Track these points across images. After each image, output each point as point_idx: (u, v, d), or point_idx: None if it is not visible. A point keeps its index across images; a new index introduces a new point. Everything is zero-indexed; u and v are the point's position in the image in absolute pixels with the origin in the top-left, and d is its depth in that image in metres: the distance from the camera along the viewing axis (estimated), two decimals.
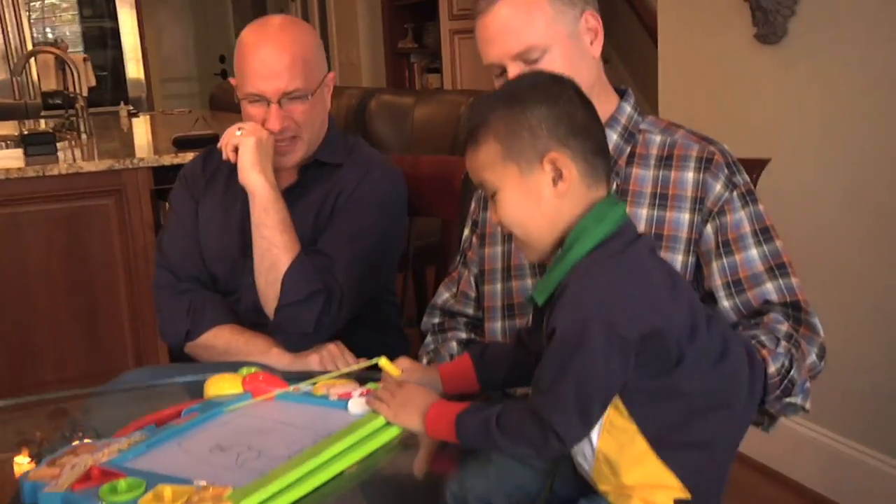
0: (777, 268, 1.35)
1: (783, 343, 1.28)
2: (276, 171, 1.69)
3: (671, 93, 2.71)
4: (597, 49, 1.38)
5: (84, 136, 3.68)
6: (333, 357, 1.61)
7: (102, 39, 5.96)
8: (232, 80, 1.75)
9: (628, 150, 1.41)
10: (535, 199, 1.08)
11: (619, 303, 1.02)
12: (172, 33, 7.99)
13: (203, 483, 0.98)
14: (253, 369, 1.33)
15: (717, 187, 1.36)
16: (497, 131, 1.08)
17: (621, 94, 1.46)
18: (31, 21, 5.57)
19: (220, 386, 1.28)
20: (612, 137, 1.41)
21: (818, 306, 1.37)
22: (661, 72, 2.73)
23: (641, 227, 1.37)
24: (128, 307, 2.94)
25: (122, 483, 0.99)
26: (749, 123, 2.41)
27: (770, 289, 1.34)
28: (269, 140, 1.65)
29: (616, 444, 1.04)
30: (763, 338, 1.28)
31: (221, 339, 1.68)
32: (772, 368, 1.25)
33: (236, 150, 1.64)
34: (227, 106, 4.55)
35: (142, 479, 0.99)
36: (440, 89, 4.95)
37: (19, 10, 5.44)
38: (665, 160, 1.39)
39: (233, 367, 1.36)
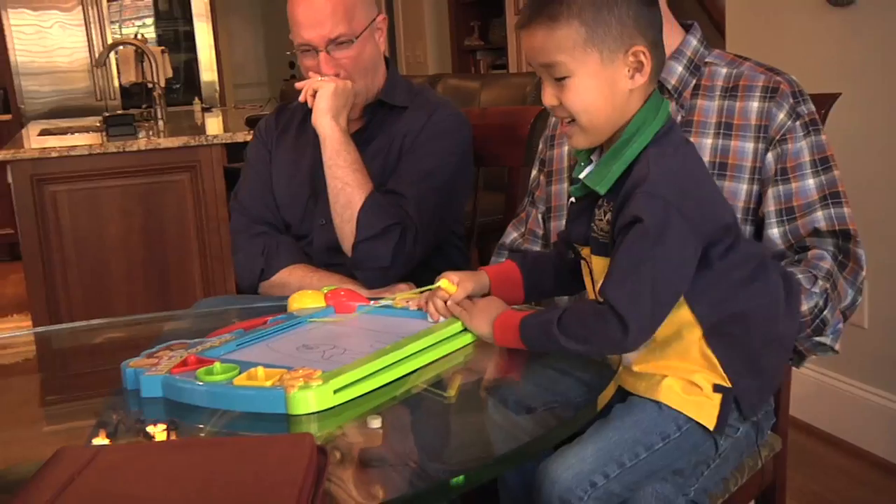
0: (830, 196, 1.35)
1: (820, 283, 1.28)
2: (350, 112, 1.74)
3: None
4: None
5: (161, 123, 3.80)
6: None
7: (177, 43, 6.15)
8: (291, 37, 1.79)
9: (693, 82, 1.42)
10: (609, 88, 1.08)
11: (696, 194, 1.05)
12: (244, 39, 8.18)
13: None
14: (334, 287, 1.37)
15: (781, 115, 1.36)
16: (583, 14, 1.06)
17: (687, 28, 1.47)
18: (110, 24, 5.77)
19: (304, 300, 1.33)
20: (678, 70, 1.42)
21: (879, 259, 1.36)
22: (728, 40, 2.72)
23: (706, 157, 1.38)
24: (201, 279, 3.02)
25: (217, 366, 1.04)
26: (816, 85, 2.38)
27: (820, 216, 1.34)
28: (347, 88, 1.70)
29: (671, 331, 1.06)
30: (800, 276, 1.29)
31: (295, 277, 1.73)
32: (804, 307, 1.26)
33: (314, 95, 1.69)
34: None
35: (235, 365, 1.04)
36: (505, 73, 4.96)
37: (102, 15, 5.65)
38: (730, 91, 1.40)
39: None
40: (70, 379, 1.48)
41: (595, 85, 1.08)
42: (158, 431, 0.98)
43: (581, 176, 1.13)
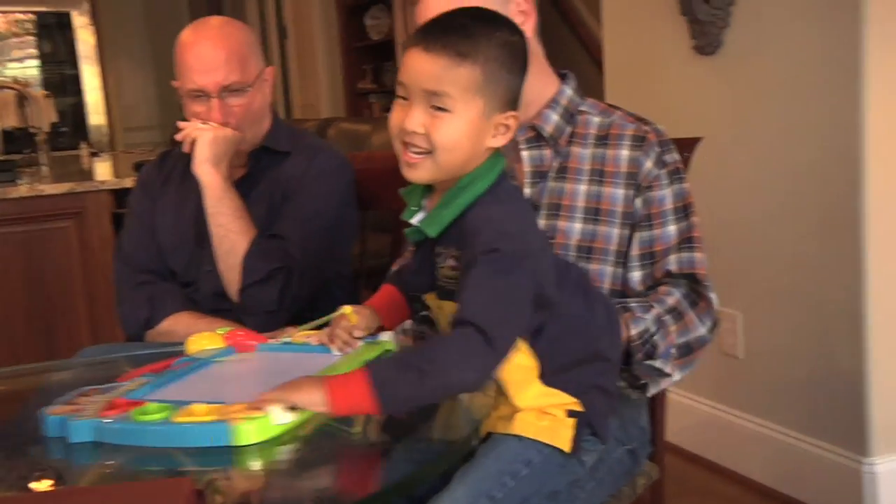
0: (685, 241, 1.44)
1: (655, 311, 1.38)
2: (234, 158, 1.76)
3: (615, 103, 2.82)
4: (528, 31, 1.44)
5: (45, 168, 3.71)
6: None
7: (63, 86, 6.01)
8: (174, 83, 1.79)
9: (569, 130, 1.49)
10: (476, 137, 1.12)
11: (532, 232, 1.13)
12: (134, 82, 8.04)
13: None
14: (229, 328, 1.38)
15: (648, 164, 1.44)
16: (487, 64, 1.09)
17: (562, 78, 1.54)
18: None
19: (202, 342, 1.33)
20: (553, 118, 1.49)
21: (751, 292, 1.46)
22: (607, 85, 2.86)
23: (581, 203, 1.45)
24: (88, 327, 2.95)
25: (150, 406, 1.04)
26: (683, 130, 2.52)
27: (673, 259, 1.43)
28: (227, 136, 1.71)
29: (514, 372, 1.12)
30: (633, 304, 1.39)
31: (181, 324, 1.72)
32: (633, 331, 1.36)
33: (194, 143, 1.70)
34: None
35: (167, 404, 1.04)
36: None
37: None
38: (603, 139, 1.47)
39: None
40: None
41: (467, 130, 1.11)
42: (44, 487, 0.96)
43: (413, 220, 1.17)
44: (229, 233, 1.67)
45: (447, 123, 1.09)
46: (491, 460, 1.13)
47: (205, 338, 1.34)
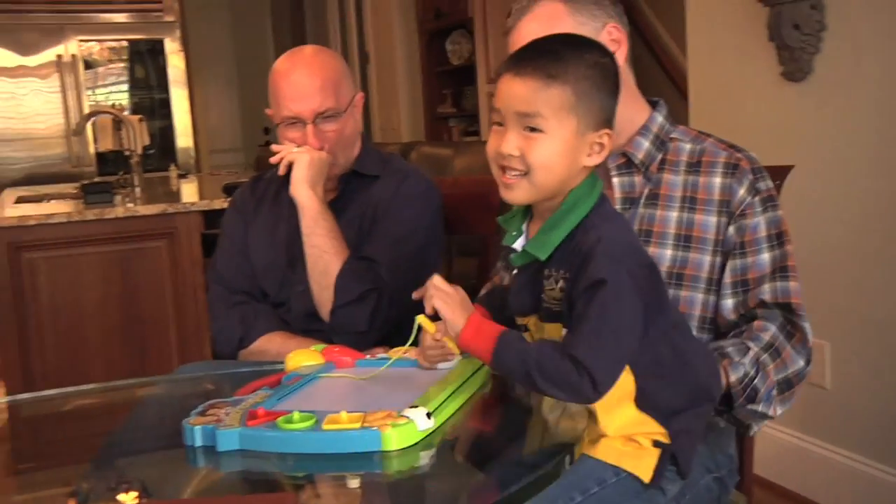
0: (780, 270, 1.42)
1: (751, 353, 1.36)
2: (325, 182, 1.80)
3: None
4: (619, 60, 1.46)
5: (138, 190, 3.85)
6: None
7: (152, 110, 6.22)
8: (268, 111, 1.85)
9: (660, 156, 1.49)
10: (572, 156, 1.14)
11: (641, 254, 1.13)
12: (219, 105, 8.28)
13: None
14: (324, 346, 1.43)
15: (741, 191, 1.43)
16: (578, 83, 1.12)
17: (653, 105, 1.55)
18: (86, 91, 5.83)
19: (300, 359, 1.38)
20: (644, 145, 1.49)
21: (840, 322, 1.44)
22: (692, 113, 2.84)
23: (672, 230, 1.45)
24: (177, 345, 3.04)
25: (295, 415, 1.09)
26: (772, 157, 2.49)
27: (766, 289, 1.41)
28: (323, 159, 1.77)
29: (611, 395, 1.10)
30: (729, 349, 1.37)
31: (274, 344, 1.77)
32: (732, 377, 1.34)
33: (290, 166, 1.75)
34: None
35: (310, 413, 1.10)
36: (477, 140, 5.08)
37: (79, 82, 5.72)
38: (694, 166, 1.47)
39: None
40: (43, 447, 1.48)
41: (562, 150, 1.13)
42: (130, 499, 0.99)
43: (517, 245, 1.19)
44: (324, 253, 1.72)
45: (541, 144, 1.11)
46: (564, 477, 1.13)
47: (303, 354, 1.38)
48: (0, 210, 3.38)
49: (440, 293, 1.16)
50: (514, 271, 1.23)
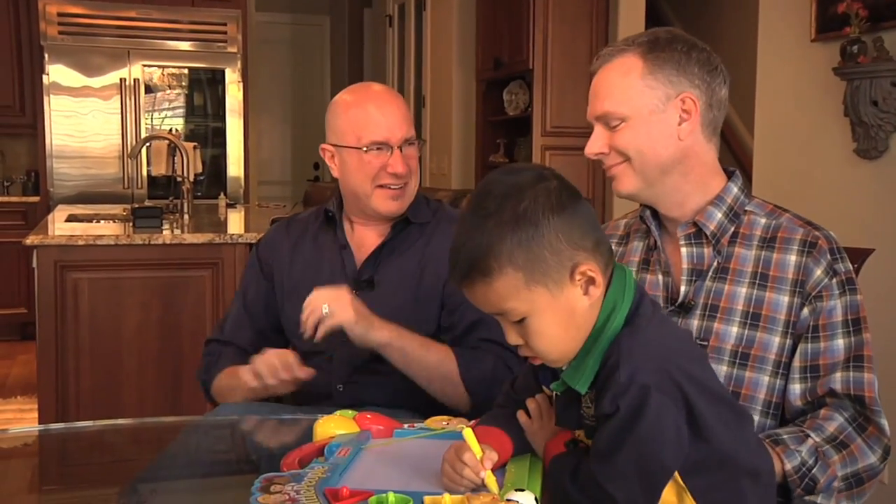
0: (854, 359, 1.35)
1: (811, 441, 1.29)
2: (363, 237, 1.82)
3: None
4: (685, 130, 1.40)
5: (186, 217, 3.85)
6: (270, 364, 1.63)
7: (206, 137, 6.29)
8: (326, 147, 1.82)
9: (732, 229, 1.43)
10: (569, 313, 1.05)
11: (675, 362, 1.02)
12: (272, 138, 8.37)
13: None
14: (352, 412, 1.35)
15: (818, 272, 1.36)
16: (514, 259, 1.01)
17: (729, 175, 1.48)
18: (144, 114, 5.91)
19: (331, 426, 1.30)
20: (717, 216, 1.43)
21: None
22: (755, 189, 2.77)
23: (740, 306, 1.39)
24: None
25: (390, 496, 1.01)
26: (845, 239, 2.41)
27: (838, 378, 1.34)
28: (345, 289, 1.69)
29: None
30: (784, 436, 1.30)
31: (222, 382, 1.80)
32: (788, 465, 1.27)
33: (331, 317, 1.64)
34: (319, 204, 4.71)
35: (407, 496, 1.02)
36: None
37: (138, 105, 5.80)
38: (768, 241, 1.41)
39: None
40: (69, 469, 1.49)
41: (553, 318, 1.04)
42: None
43: (562, 374, 1.11)
44: (434, 368, 1.68)
45: (533, 328, 1.05)
46: None
47: (335, 421, 1.31)
48: (51, 227, 3.39)
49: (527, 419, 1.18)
50: (556, 393, 1.16)
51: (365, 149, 1.76)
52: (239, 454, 1.63)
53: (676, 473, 1.04)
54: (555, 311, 1.04)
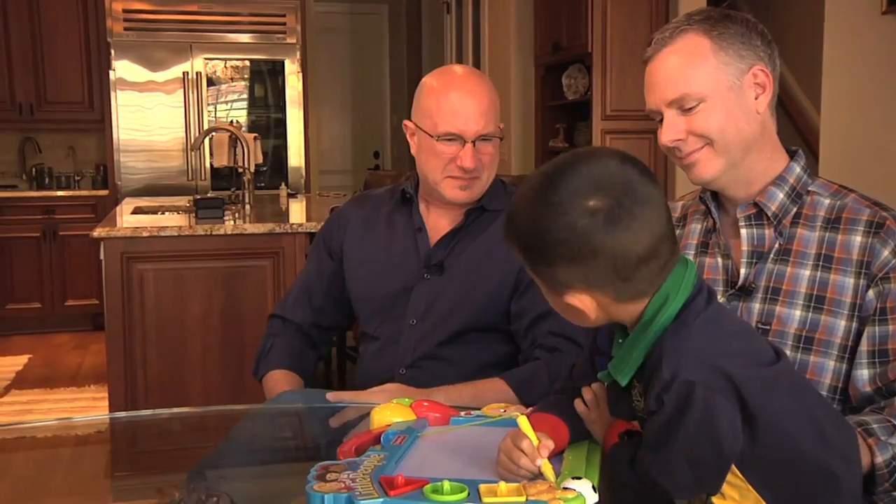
0: None
1: None
2: (438, 220, 1.81)
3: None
4: (762, 104, 1.37)
5: (248, 207, 3.90)
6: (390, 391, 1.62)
7: (268, 128, 6.36)
8: (408, 123, 1.83)
9: (794, 210, 1.39)
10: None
11: (725, 359, 1.00)
12: (332, 128, 8.42)
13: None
14: (409, 399, 1.35)
15: (885, 253, 1.32)
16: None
17: (791, 155, 1.44)
18: (207, 107, 6.01)
19: (388, 414, 1.30)
20: (779, 196, 1.39)
21: None
22: (822, 168, 2.69)
23: (803, 289, 1.35)
24: None
25: (445, 485, 1.01)
26: None
27: None
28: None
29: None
30: (874, 426, 1.24)
31: (268, 384, 1.86)
32: (879, 459, 1.22)
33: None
34: None
35: (462, 484, 1.02)
36: None
37: (201, 98, 5.90)
38: (832, 222, 1.36)
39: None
40: (139, 456, 1.53)
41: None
42: None
43: (608, 365, 1.09)
44: (494, 401, 1.61)
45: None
46: None
47: (391, 409, 1.30)
48: (119, 220, 3.47)
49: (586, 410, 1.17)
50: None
51: (437, 138, 1.75)
52: (300, 441, 1.65)
53: (735, 468, 1.01)
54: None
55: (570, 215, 0.99)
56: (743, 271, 1.39)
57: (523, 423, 1.08)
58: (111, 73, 5.66)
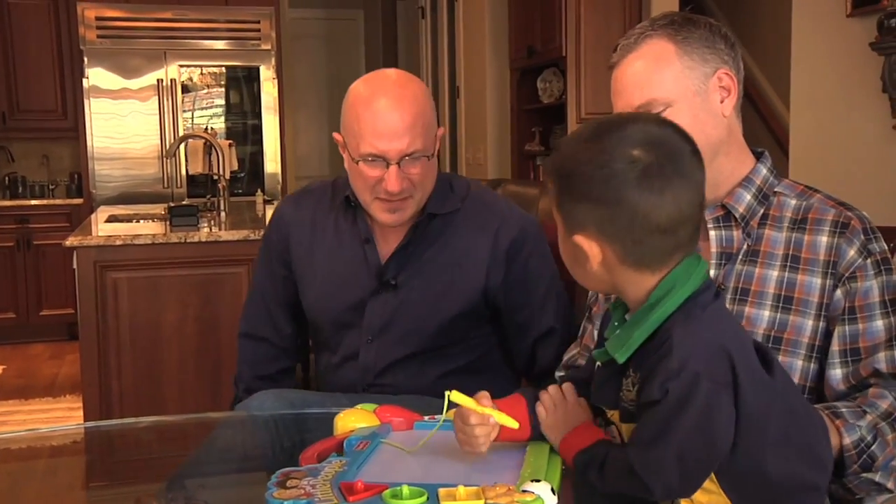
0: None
1: (869, 417, 1.25)
2: (385, 230, 1.70)
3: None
4: (727, 107, 1.39)
5: (223, 214, 3.89)
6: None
7: (245, 135, 6.34)
8: (337, 137, 1.70)
9: (761, 211, 1.40)
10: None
11: (728, 359, 1.01)
12: (309, 134, 8.40)
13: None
14: (373, 405, 1.35)
15: (851, 252, 1.33)
16: (599, 225, 1.03)
17: (758, 156, 1.46)
18: (182, 114, 5.98)
19: (351, 420, 1.30)
20: (746, 198, 1.40)
21: None
22: (792, 166, 2.71)
23: (771, 290, 1.36)
24: None
25: (404, 490, 1.02)
26: (883, 217, 2.35)
27: (882, 357, 1.30)
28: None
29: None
30: (843, 410, 1.26)
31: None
32: (846, 440, 1.23)
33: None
34: None
35: (420, 488, 1.03)
36: None
37: (176, 105, 5.87)
38: (799, 223, 1.38)
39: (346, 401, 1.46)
40: (115, 466, 1.52)
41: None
42: None
43: (605, 343, 1.10)
44: None
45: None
46: None
47: (355, 415, 1.30)
48: (93, 228, 3.45)
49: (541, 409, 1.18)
50: (598, 364, 1.15)
51: (358, 160, 1.61)
52: (273, 448, 1.64)
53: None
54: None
55: (610, 156, 1.01)
56: (712, 272, 1.40)
57: (455, 396, 1.11)
58: (84, 80, 5.62)
